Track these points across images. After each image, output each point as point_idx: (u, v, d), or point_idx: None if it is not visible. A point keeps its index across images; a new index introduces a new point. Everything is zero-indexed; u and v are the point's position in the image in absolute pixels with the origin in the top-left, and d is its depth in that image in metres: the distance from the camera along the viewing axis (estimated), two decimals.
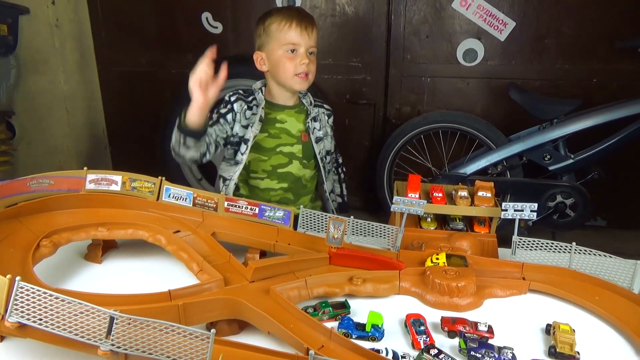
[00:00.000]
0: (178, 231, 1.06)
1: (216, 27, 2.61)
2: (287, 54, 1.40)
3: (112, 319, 0.66)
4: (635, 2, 2.30)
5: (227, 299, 0.84)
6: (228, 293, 0.86)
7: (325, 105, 1.59)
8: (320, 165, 1.54)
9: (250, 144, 1.43)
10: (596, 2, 2.34)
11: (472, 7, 2.43)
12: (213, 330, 0.65)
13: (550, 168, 2.26)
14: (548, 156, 2.25)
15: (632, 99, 2.16)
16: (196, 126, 1.24)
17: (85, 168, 1.08)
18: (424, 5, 2.48)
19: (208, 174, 2.69)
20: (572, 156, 2.24)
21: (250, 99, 1.47)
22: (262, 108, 1.45)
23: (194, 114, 1.22)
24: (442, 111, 2.52)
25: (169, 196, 1.12)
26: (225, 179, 1.48)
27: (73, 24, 2.55)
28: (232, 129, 1.45)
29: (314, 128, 1.51)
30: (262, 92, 1.49)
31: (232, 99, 1.46)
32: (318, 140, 1.52)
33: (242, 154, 1.44)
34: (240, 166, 1.44)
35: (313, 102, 1.54)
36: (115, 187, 1.11)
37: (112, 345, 0.65)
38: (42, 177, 1.01)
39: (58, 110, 2.55)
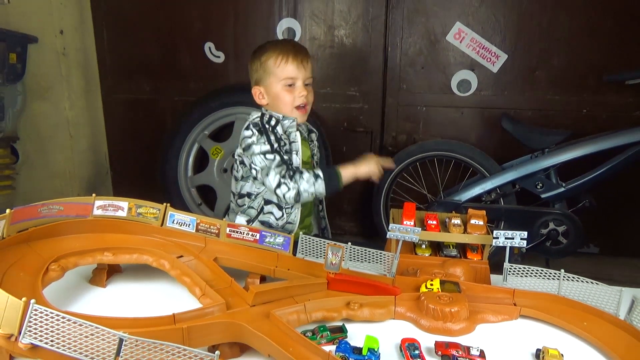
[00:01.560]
0: (181, 256, 1.10)
1: (218, 57, 2.69)
2: (286, 88, 1.47)
3: (121, 340, 0.69)
4: (621, 37, 2.40)
5: (229, 322, 0.87)
6: (230, 317, 0.89)
7: (313, 128, 1.65)
8: None
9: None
10: (584, 37, 2.43)
11: (466, 40, 2.52)
12: (217, 352, 0.68)
13: (543, 196, 2.31)
14: (540, 184, 2.30)
15: (621, 130, 2.22)
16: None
17: (93, 195, 1.13)
18: (420, 38, 2.57)
19: (207, 199, 2.74)
20: (564, 185, 2.29)
21: (273, 123, 1.49)
22: (298, 130, 1.51)
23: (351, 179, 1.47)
24: (438, 140, 2.58)
25: (173, 222, 1.16)
26: (282, 207, 1.50)
27: (80, 53, 2.63)
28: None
29: (313, 153, 1.60)
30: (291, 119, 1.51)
31: (263, 127, 1.48)
32: (317, 163, 1.61)
33: None
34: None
35: (307, 127, 1.61)
36: (122, 213, 1.15)
37: None
38: (53, 204, 1.05)
39: (62, 136, 2.60)
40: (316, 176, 1.46)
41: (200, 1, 2.64)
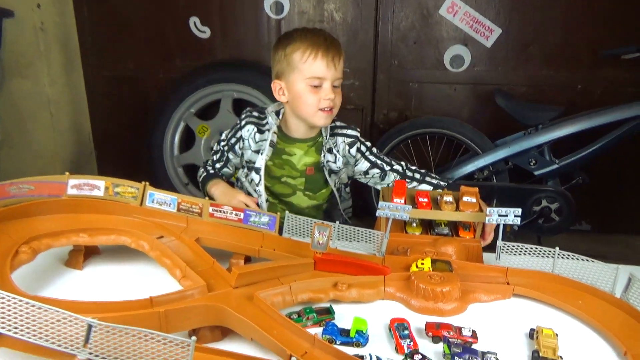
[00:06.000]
0: (162, 237, 1.05)
1: (204, 32, 2.60)
2: (311, 87, 1.29)
3: (90, 326, 0.64)
4: (617, 13, 2.34)
5: (209, 305, 0.83)
6: (211, 299, 0.85)
7: (348, 132, 1.44)
8: (337, 194, 1.49)
9: (262, 173, 1.39)
10: (580, 12, 2.37)
11: (459, 14, 2.45)
12: (194, 338, 0.64)
13: (536, 173, 2.28)
14: (533, 161, 2.27)
15: (615, 105, 2.19)
16: None
17: (67, 173, 1.07)
18: (411, 12, 2.49)
19: (194, 179, 2.68)
20: (557, 161, 2.27)
21: (264, 122, 1.42)
22: (275, 133, 1.39)
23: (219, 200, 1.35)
24: (429, 116, 2.53)
25: (152, 201, 1.11)
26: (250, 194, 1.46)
27: (59, 28, 2.52)
28: (242, 157, 1.45)
29: (328, 161, 1.42)
30: (276, 118, 1.40)
31: (242, 122, 1.42)
32: (331, 172, 1.45)
33: (257, 185, 1.41)
34: (263, 197, 1.41)
35: (329, 132, 1.43)
36: (98, 193, 1.09)
37: (90, 353, 0.64)
38: (22, 183, 0.99)
39: (42, 114, 2.52)
40: (208, 174, 1.47)
41: None
